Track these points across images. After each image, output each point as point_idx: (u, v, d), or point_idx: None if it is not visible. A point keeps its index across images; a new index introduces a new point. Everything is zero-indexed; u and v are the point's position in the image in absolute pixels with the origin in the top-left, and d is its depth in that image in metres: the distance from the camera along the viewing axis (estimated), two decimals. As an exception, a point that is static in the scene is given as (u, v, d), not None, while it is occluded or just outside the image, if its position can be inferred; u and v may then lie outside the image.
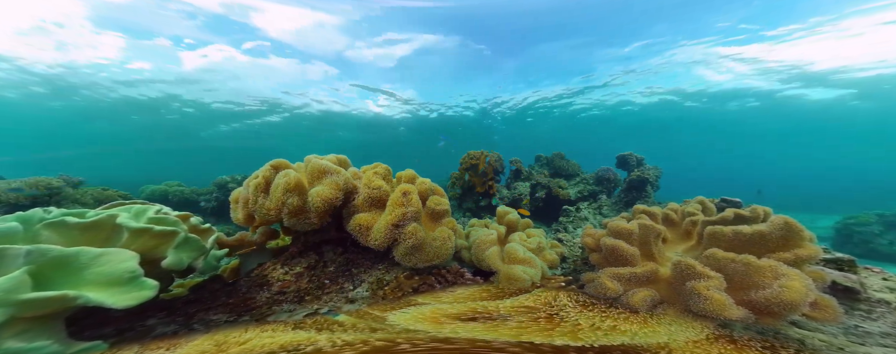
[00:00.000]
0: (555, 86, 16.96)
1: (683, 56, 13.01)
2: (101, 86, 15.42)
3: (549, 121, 22.89)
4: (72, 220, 1.29)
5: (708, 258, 1.51)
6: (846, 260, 1.93)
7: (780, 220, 1.53)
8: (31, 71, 13.46)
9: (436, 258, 1.83)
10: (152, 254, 1.45)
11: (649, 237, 1.80)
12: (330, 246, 2.05)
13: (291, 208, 1.70)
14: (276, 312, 1.57)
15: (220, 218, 6.46)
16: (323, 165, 1.85)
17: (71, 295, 0.99)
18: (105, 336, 1.25)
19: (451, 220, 2.06)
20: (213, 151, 39.44)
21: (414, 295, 1.76)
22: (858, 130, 31.12)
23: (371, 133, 25.83)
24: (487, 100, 19.35)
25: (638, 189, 5.39)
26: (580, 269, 2.44)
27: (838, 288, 1.71)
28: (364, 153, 32.54)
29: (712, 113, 20.99)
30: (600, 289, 1.65)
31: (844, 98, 16.27)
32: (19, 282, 0.97)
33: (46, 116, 21.85)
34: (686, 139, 37.59)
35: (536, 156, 6.99)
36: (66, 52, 12.11)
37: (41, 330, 1.02)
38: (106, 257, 1.16)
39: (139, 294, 1.13)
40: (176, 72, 14.39)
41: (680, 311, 1.49)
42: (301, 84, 16.41)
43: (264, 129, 23.65)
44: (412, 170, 2.26)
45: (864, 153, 51.84)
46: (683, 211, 2.23)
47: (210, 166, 35.06)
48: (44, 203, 4.26)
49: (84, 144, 37.64)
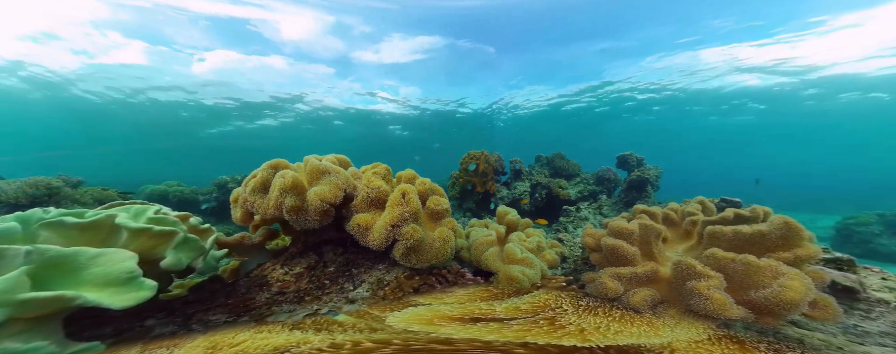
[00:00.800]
0: (555, 85, 16.97)
1: (684, 56, 13.01)
2: (102, 87, 15.41)
3: (549, 121, 22.89)
4: (70, 220, 1.29)
5: (708, 258, 1.51)
6: (845, 259, 1.93)
7: (780, 220, 1.53)
8: (33, 71, 13.46)
9: (435, 258, 1.82)
10: (151, 255, 1.45)
11: (650, 237, 1.80)
12: (330, 246, 2.04)
13: (289, 208, 1.69)
14: (276, 312, 1.57)
15: (220, 218, 6.46)
16: (322, 165, 1.85)
17: (68, 295, 0.99)
18: (103, 337, 1.25)
19: (451, 220, 2.05)
20: (213, 151, 39.43)
21: (414, 295, 1.76)
22: (859, 130, 31.15)
23: (371, 133, 25.83)
24: (488, 99, 19.36)
25: (638, 189, 5.38)
26: (580, 269, 2.44)
27: (838, 288, 1.71)
28: (364, 153, 32.53)
29: (712, 112, 21.01)
30: (601, 289, 1.65)
31: (844, 97, 16.28)
32: (17, 283, 0.96)
33: (47, 116, 21.85)
34: (686, 139, 37.61)
35: (536, 156, 6.99)
36: (67, 53, 12.11)
37: (39, 331, 1.02)
38: (104, 257, 1.16)
39: (137, 294, 1.12)
40: (175, 71, 14.39)
41: (680, 311, 1.49)
42: (301, 84, 16.41)
43: (264, 129, 23.65)
44: (412, 170, 2.26)
45: (864, 153, 51.86)
46: (683, 210, 2.23)
47: (210, 166, 35.04)
48: (43, 203, 4.25)
49: (84, 144, 37.61)
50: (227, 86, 16.07)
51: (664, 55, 13.03)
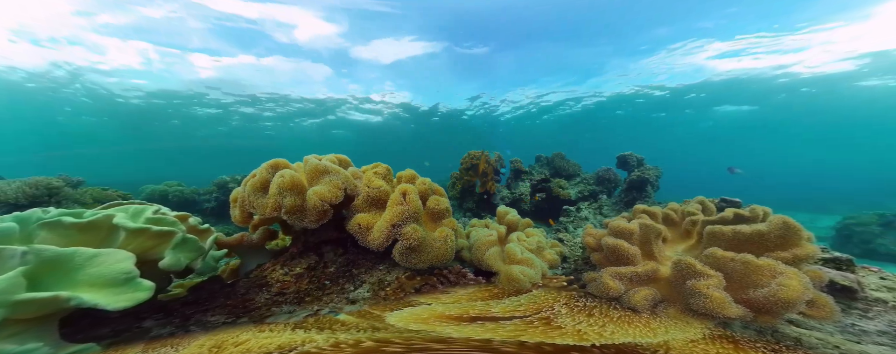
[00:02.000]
0: (556, 85, 16.97)
1: (683, 55, 13.01)
2: (104, 88, 15.40)
3: (549, 121, 22.90)
4: (68, 220, 1.29)
5: (708, 257, 1.51)
6: (844, 259, 1.93)
7: (779, 220, 1.52)
8: (34, 72, 13.45)
9: (436, 258, 1.82)
10: (150, 255, 1.45)
11: (650, 236, 1.80)
12: (330, 246, 2.04)
13: (288, 208, 1.69)
14: (276, 313, 1.57)
15: (220, 218, 6.45)
16: (322, 165, 1.84)
17: (64, 296, 0.99)
18: (101, 338, 1.24)
19: (451, 220, 2.05)
20: (213, 151, 39.44)
21: (416, 295, 1.76)
22: (860, 129, 31.13)
23: (371, 133, 25.83)
24: (488, 99, 19.35)
25: (638, 189, 5.38)
26: (581, 269, 2.43)
27: (836, 287, 1.71)
28: (364, 153, 32.52)
29: (712, 112, 21.00)
30: (602, 289, 1.65)
31: (844, 95, 16.27)
32: (13, 283, 0.96)
33: (47, 116, 21.84)
34: (686, 139, 37.60)
35: (537, 156, 6.98)
36: (68, 54, 12.10)
37: (34, 332, 1.01)
38: (101, 258, 1.16)
39: (134, 295, 1.12)
40: (176, 70, 14.38)
41: (680, 310, 1.49)
42: (302, 84, 16.40)
43: (264, 129, 23.64)
44: (412, 170, 2.25)
45: (865, 153, 51.86)
46: (683, 210, 2.23)
47: (210, 166, 35.03)
48: (43, 203, 4.25)
49: (84, 144, 37.61)
50: (228, 86, 16.07)
51: (665, 55, 13.04)
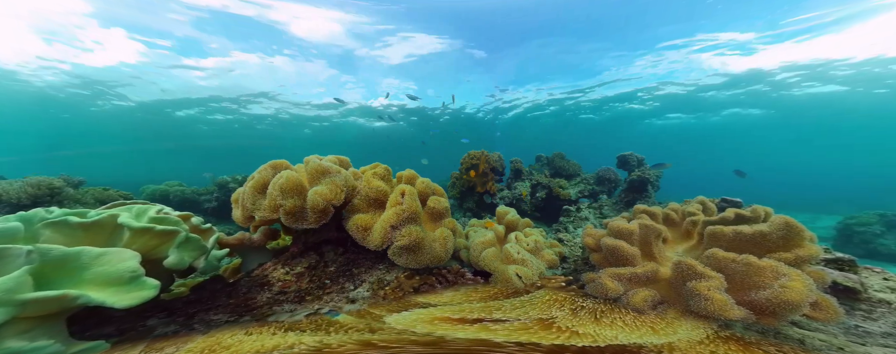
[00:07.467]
0: (556, 85, 16.95)
1: (684, 56, 12.99)
2: (105, 88, 15.44)
3: (549, 121, 22.88)
4: (73, 220, 1.30)
5: (708, 258, 1.50)
6: (847, 259, 1.93)
7: (781, 220, 1.52)
8: (35, 72, 13.49)
9: (435, 258, 1.82)
10: (154, 254, 1.45)
11: (650, 237, 1.80)
12: (331, 246, 2.04)
13: (288, 208, 1.69)
14: (277, 312, 1.58)
15: (222, 218, 6.47)
16: (323, 165, 1.85)
17: (72, 294, 1.00)
18: (106, 336, 1.25)
19: (451, 220, 2.06)
20: (214, 151, 39.49)
21: (415, 294, 1.76)
22: (860, 128, 31.07)
23: (371, 133, 25.84)
24: (488, 99, 19.35)
25: (638, 189, 5.38)
26: (581, 269, 2.44)
27: (839, 288, 1.71)
28: (364, 153, 32.56)
29: (713, 112, 20.97)
30: (601, 289, 1.65)
31: (844, 94, 16.23)
32: (20, 282, 0.97)
33: (48, 117, 21.90)
34: (686, 139, 37.56)
35: (537, 156, 6.98)
36: (69, 53, 12.13)
37: (43, 330, 1.02)
38: (107, 257, 1.17)
39: (140, 293, 1.13)
40: (175, 71, 14.39)
41: (681, 311, 1.49)
42: (302, 84, 16.42)
43: (264, 129, 23.68)
44: (412, 171, 2.26)
45: (865, 152, 51.75)
46: (684, 211, 2.23)
47: (211, 166, 35.09)
48: (45, 203, 4.26)
49: (84, 144, 37.69)
50: (229, 86, 16.08)
51: (665, 55, 13.02)
